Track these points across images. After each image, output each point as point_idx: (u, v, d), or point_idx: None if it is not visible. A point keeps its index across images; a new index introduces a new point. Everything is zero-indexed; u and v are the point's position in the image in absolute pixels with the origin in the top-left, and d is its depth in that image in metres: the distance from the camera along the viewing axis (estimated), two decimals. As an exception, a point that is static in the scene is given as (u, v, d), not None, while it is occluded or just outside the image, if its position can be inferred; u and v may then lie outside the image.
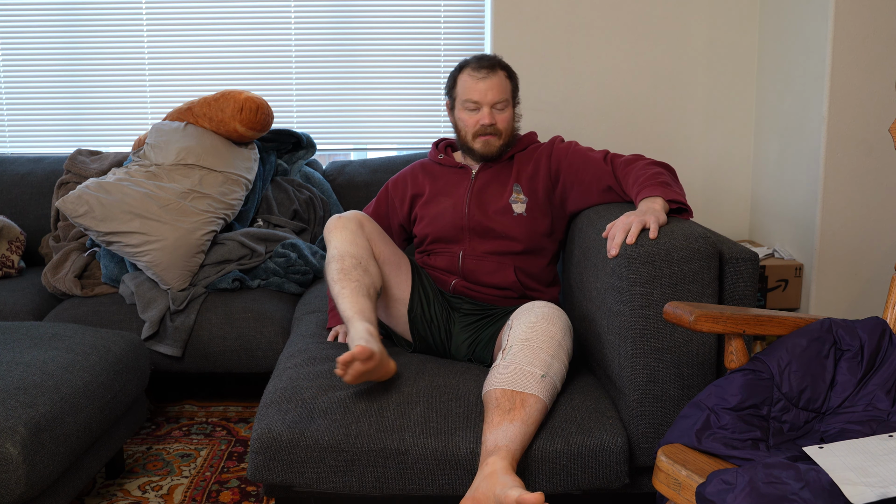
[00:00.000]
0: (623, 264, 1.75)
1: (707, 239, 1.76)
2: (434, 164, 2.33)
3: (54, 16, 3.38)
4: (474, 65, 2.19)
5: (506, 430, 1.67)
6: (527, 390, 1.73)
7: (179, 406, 2.79)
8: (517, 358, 1.79)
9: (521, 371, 1.76)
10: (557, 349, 1.83)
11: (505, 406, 1.71)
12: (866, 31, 2.66)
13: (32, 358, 1.94)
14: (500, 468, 1.59)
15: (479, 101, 2.17)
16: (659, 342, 1.76)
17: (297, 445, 1.72)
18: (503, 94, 2.19)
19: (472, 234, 2.21)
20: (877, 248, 2.77)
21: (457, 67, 2.25)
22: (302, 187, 3.11)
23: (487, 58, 2.21)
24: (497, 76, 2.18)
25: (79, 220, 2.65)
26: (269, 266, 2.76)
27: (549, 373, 1.78)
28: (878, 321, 1.57)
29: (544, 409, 1.75)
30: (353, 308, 1.90)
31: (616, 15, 3.25)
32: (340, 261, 2.00)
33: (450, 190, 2.25)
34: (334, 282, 1.98)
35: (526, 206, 2.20)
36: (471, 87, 2.18)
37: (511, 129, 2.24)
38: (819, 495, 1.22)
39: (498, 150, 2.23)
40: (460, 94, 2.21)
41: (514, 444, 1.65)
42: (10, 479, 1.61)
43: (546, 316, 1.89)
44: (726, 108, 3.32)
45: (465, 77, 2.20)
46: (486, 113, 2.17)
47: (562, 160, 2.20)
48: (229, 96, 2.88)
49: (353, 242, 2.04)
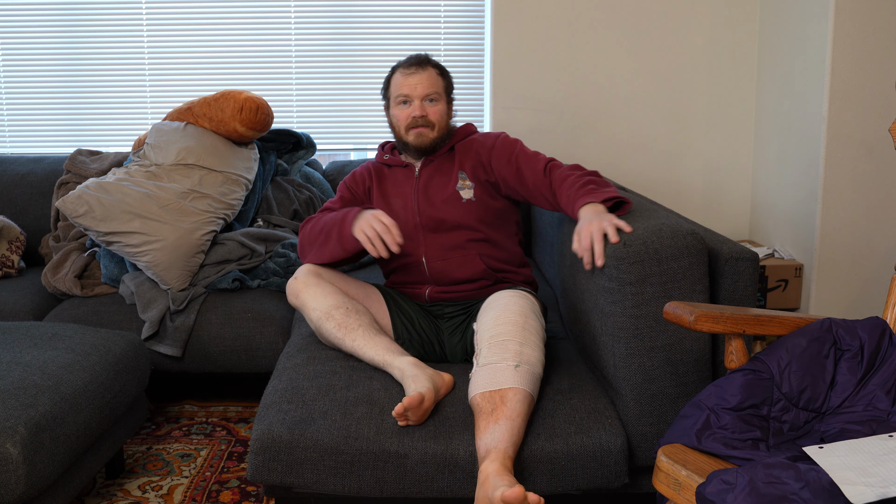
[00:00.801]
0: (612, 265, 1.75)
1: (695, 235, 1.76)
2: (381, 166, 2.33)
3: (54, 16, 3.38)
4: (405, 63, 2.24)
5: (492, 432, 1.67)
6: (504, 385, 1.73)
7: (179, 406, 2.79)
8: (488, 358, 1.79)
9: (495, 369, 1.76)
10: (524, 333, 1.83)
11: (487, 409, 1.70)
12: (866, 31, 2.66)
13: (32, 358, 1.94)
14: (492, 471, 1.59)
15: (410, 95, 2.20)
16: (652, 341, 1.75)
17: (297, 446, 1.71)
18: (434, 87, 2.21)
19: (427, 231, 2.18)
20: (877, 248, 2.77)
21: (391, 69, 2.29)
22: (302, 187, 3.11)
23: (417, 56, 2.25)
24: (427, 72, 2.22)
25: (79, 220, 2.65)
26: (269, 266, 2.76)
27: (522, 360, 1.77)
28: (878, 321, 1.57)
29: (527, 398, 1.74)
30: (379, 349, 1.94)
31: (616, 15, 3.25)
32: (330, 318, 2.02)
33: (397, 191, 2.25)
34: (340, 339, 2.00)
35: (473, 191, 2.19)
36: (401, 83, 2.21)
37: (445, 122, 2.24)
38: (819, 495, 1.22)
39: (432, 143, 2.22)
40: (393, 92, 2.24)
41: (502, 444, 1.65)
42: (10, 479, 1.61)
43: (505, 305, 1.89)
44: (726, 108, 3.32)
45: (396, 75, 2.24)
46: (417, 105, 2.20)
47: (504, 161, 2.19)
48: (229, 96, 2.88)
49: (326, 293, 2.06)
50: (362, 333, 1.97)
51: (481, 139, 2.25)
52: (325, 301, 2.04)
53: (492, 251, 2.19)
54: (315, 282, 2.08)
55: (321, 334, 2.07)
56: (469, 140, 2.27)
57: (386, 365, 1.91)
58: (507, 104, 3.30)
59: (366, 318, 2.02)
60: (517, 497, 1.49)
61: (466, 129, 2.31)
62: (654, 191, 3.35)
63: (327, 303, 2.03)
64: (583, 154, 3.33)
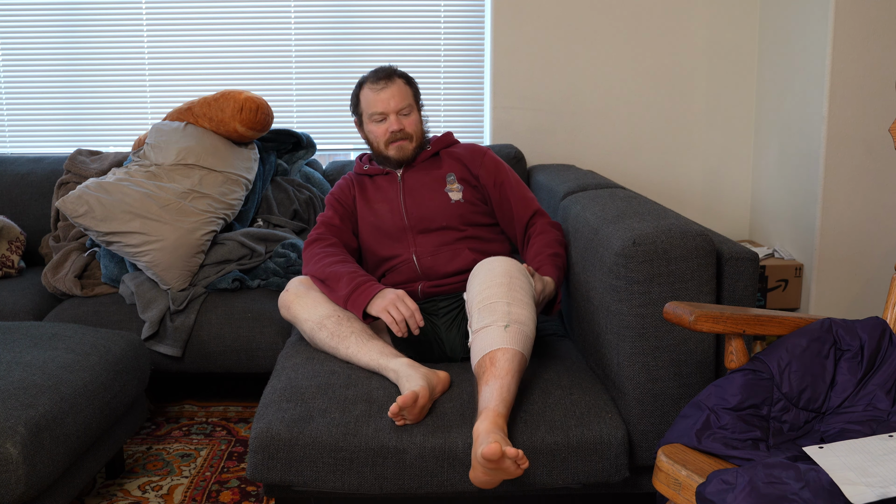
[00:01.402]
0: (621, 263, 1.75)
1: (704, 237, 1.77)
2: (362, 177, 2.35)
3: (54, 16, 3.38)
4: (372, 79, 2.27)
5: (483, 393, 1.71)
6: (493, 347, 1.76)
7: (179, 406, 2.79)
8: (479, 322, 1.82)
9: (485, 332, 1.79)
10: (511, 293, 1.84)
11: (479, 373, 1.75)
12: (866, 31, 2.66)
13: (32, 358, 1.94)
14: (482, 429, 1.62)
15: (385, 111, 2.24)
16: (658, 341, 1.76)
17: (296, 444, 1.72)
18: (405, 99, 2.26)
19: (415, 233, 2.22)
20: (877, 248, 2.77)
21: (356, 85, 2.32)
22: (302, 187, 3.11)
23: (383, 69, 2.29)
24: (395, 84, 2.25)
25: (79, 220, 2.65)
26: (269, 266, 2.76)
27: (511, 320, 1.79)
28: (878, 321, 1.57)
29: (516, 356, 1.76)
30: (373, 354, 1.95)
31: (616, 15, 3.25)
32: (322, 328, 2.03)
33: (381, 196, 2.28)
34: (334, 349, 2.01)
35: (462, 193, 2.24)
36: (373, 100, 2.25)
37: (420, 131, 2.30)
38: (819, 495, 1.22)
39: (413, 153, 2.28)
40: (365, 109, 2.28)
41: (492, 402, 1.68)
42: (10, 479, 1.61)
43: (490, 269, 1.91)
44: (726, 108, 3.32)
45: (366, 92, 2.27)
46: (394, 120, 2.24)
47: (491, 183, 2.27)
48: (229, 96, 2.88)
49: (317, 303, 2.07)
50: (355, 340, 1.99)
51: (468, 152, 2.32)
52: (316, 311, 2.05)
53: (479, 245, 2.23)
54: (305, 293, 2.10)
55: (315, 345, 2.08)
56: (454, 148, 2.34)
57: (381, 368, 1.92)
58: (507, 104, 3.30)
59: (357, 324, 2.03)
60: (494, 453, 1.53)
61: (449, 138, 2.37)
62: (654, 191, 3.35)
63: (318, 312, 2.05)
64: (583, 154, 3.33)
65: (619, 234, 1.80)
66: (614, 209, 2.00)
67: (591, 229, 1.97)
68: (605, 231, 1.87)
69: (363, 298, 2.00)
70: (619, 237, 1.79)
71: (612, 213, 1.97)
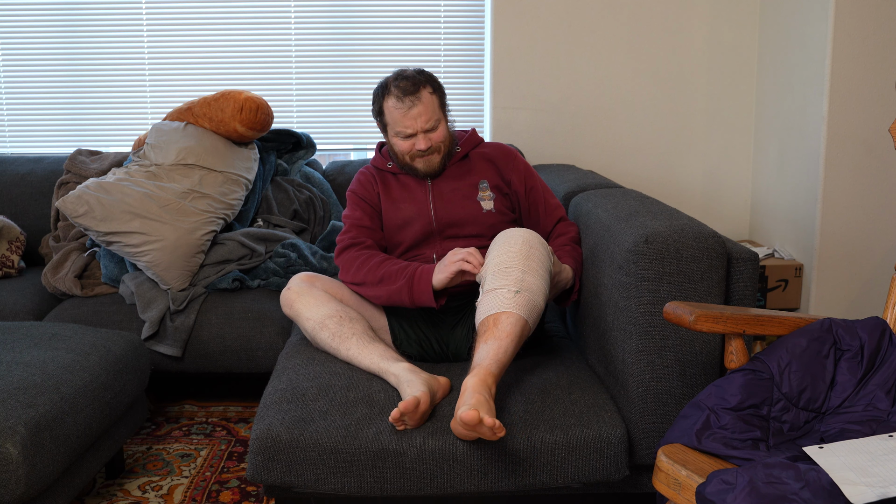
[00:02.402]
0: (632, 260, 1.75)
1: (717, 238, 1.77)
2: (385, 173, 2.28)
3: (54, 16, 3.38)
4: (397, 94, 2.11)
5: (480, 350, 1.74)
6: (500, 310, 1.78)
7: (179, 406, 2.79)
8: (491, 284, 1.84)
9: (495, 294, 1.81)
10: (528, 262, 1.85)
11: (481, 331, 1.78)
12: (866, 31, 2.66)
13: (32, 358, 1.94)
14: (470, 385, 1.65)
15: (412, 132, 2.13)
16: (664, 339, 1.76)
17: (297, 446, 1.72)
18: (433, 114, 2.14)
19: (442, 238, 2.19)
20: (877, 248, 2.77)
21: (379, 90, 2.17)
22: (302, 187, 3.11)
23: (409, 79, 2.13)
24: (422, 100, 2.11)
25: (79, 220, 2.65)
26: (269, 266, 2.76)
27: (523, 287, 1.81)
28: (878, 321, 1.57)
29: (520, 321, 1.78)
30: (374, 357, 1.94)
31: (616, 15, 3.25)
32: (324, 328, 2.02)
33: (408, 195, 2.22)
34: (335, 349, 2.01)
35: (494, 202, 2.20)
36: (399, 120, 2.12)
37: (449, 140, 2.20)
38: (819, 495, 1.22)
39: (440, 164, 2.20)
40: (390, 124, 2.16)
41: (486, 360, 1.71)
42: (10, 479, 1.61)
43: (509, 236, 1.92)
44: (726, 108, 3.32)
45: (390, 108, 2.13)
46: (421, 139, 2.14)
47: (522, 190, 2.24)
48: (229, 96, 2.88)
49: (320, 302, 2.06)
50: (356, 342, 1.98)
51: (498, 153, 2.27)
52: (319, 310, 2.04)
53: None
54: (308, 290, 2.08)
55: (316, 344, 2.08)
56: (482, 148, 2.28)
57: (382, 372, 1.91)
58: (507, 104, 3.30)
59: (360, 325, 2.02)
60: (472, 419, 1.55)
61: (476, 138, 2.31)
62: (654, 191, 3.35)
63: (321, 312, 2.04)
64: (583, 154, 3.33)
65: (632, 231, 1.80)
66: (627, 207, 2.01)
67: (602, 226, 1.97)
68: (618, 228, 1.87)
69: (427, 275, 1.98)
70: (632, 234, 1.79)
71: (624, 210, 1.97)
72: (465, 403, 1.61)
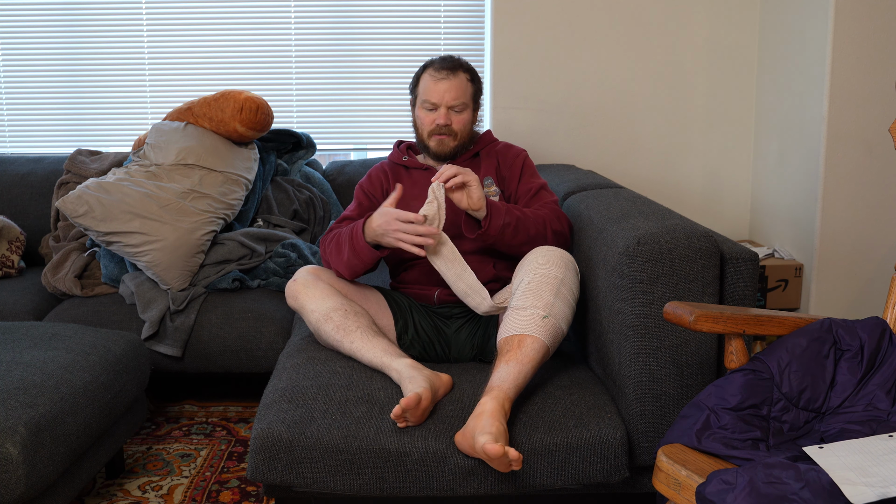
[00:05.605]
0: (625, 262, 1.75)
1: (709, 238, 1.77)
2: (398, 167, 2.31)
3: (54, 16, 3.38)
4: (437, 65, 2.20)
5: (500, 371, 1.73)
6: (525, 332, 1.78)
7: (179, 406, 2.79)
8: (520, 302, 1.84)
9: (524, 314, 1.81)
10: (560, 286, 1.86)
11: (504, 349, 1.77)
12: (866, 31, 2.66)
13: (32, 358, 1.94)
14: (488, 410, 1.64)
15: (437, 103, 2.18)
16: (660, 341, 1.76)
17: (297, 446, 1.72)
18: (462, 96, 2.19)
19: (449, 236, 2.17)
20: (877, 248, 2.77)
21: (422, 66, 2.25)
22: (302, 187, 3.11)
23: (451, 59, 2.22)
24: (457, 78, 2.18)
25: (79, 220, 2.65)
26: (269, 266, 2.76)
27: (551, 313, 1.81)
28: (878, 321, 1.57)
29: (543, 348, 1.78)
30: (377, 352, 1.94)
31: (616, 15, 3.25)
32: (328, 320, 2.02)
33: (419, 192, 2.22)
34: (338, 342, 2.00)
35: (499, 198, 2.20)
36: (430, 88, 2.19)
37: (468, 131, 2.24)
38: (819, 495, 1.22)
39: (452, 151, 2.23)
40: (420, 94, 2.22)
41: (506, 384, 1.70)
42: (10, 479, 1.61)
43: (548, 258, 1.91)
44: (726, 108, 3.32)
45: (426, 77, 2.21)
46: (443, 113, 2.18)
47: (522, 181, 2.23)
48: (229, 96, 2.88)
49: (325, 295, 2.05)
50: (360, 336, 1.98)
51: (505, 149, 2.28)
52: (324, 303, 2.04)
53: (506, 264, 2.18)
54: (313, 283, 2.08)
55: (319, 336, 2.07)
56: (493, 146, 2.30)
57: (384, 367, 1.91)
58: (507, 104, 3.30)
59: (364, 319, 2.02)
60: (497, 453, 1.54)
61: (489, 137, 2.33)
62: (654, 191, 3.35)
63: (326, 305, 2.03)
64: (583, 154, 3.33)
65: (624, 234, 1.80)
66: (619, 208, 2.01)
67: (595, 228, 1.98)
68: (610, 230, 1.87)
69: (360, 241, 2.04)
70: (624, 236, 1.79)
71: (616, 212, 1.97)
72: (487, 432, 1.59)
